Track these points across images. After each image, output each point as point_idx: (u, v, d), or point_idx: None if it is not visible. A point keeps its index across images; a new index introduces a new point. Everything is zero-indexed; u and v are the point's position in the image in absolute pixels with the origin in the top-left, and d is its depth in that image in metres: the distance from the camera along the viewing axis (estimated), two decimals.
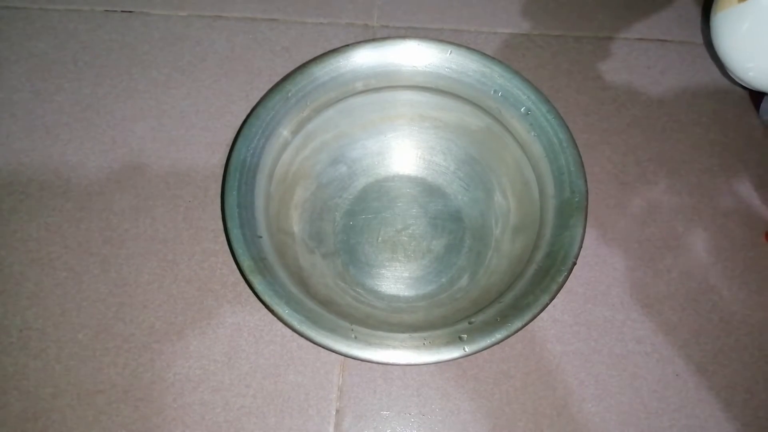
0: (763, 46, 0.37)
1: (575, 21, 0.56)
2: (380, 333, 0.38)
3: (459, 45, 0.45)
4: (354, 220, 0.50)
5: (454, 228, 0.49)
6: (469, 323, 0.38)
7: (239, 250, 0.39)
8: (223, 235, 0.46)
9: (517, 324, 0.38)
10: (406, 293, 0.47)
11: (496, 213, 0.49)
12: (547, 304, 0.39)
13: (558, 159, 0.43)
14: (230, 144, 0.44)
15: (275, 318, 0.38)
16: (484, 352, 0.38)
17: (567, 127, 0.43)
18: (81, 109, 0.51)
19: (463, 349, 0.37)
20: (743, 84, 0.40)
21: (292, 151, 0.46)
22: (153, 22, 0.55)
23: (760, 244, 0.48)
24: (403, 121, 0.50)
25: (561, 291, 0.39)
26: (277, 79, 0.45)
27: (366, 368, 0.44)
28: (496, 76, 0.45)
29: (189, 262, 0.46)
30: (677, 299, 0.47)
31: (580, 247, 0.40)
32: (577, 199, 0.41)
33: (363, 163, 0.51)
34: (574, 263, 0.40)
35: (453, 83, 0.46)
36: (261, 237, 0.41)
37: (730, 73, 0.40)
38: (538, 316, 0.38)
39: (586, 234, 0.41)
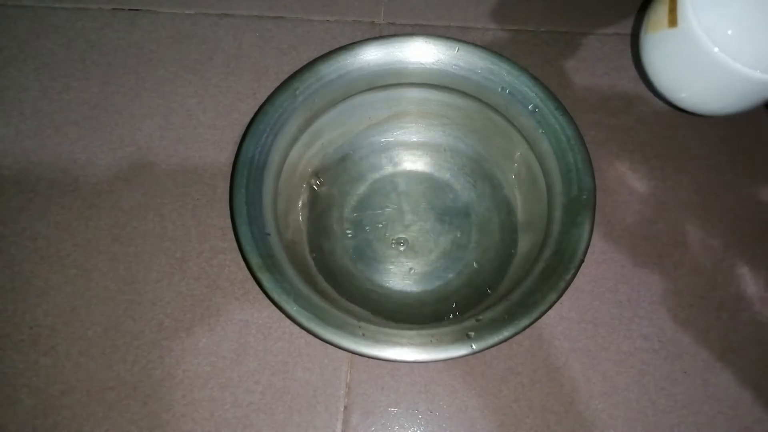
0: (694, 72, 0.37)
1: (582, 18, 0.56)
2: (388, 330, 0.38)
3: (466, 42, 0.45)
4: (361, 216, 0.50)
5: (461, 224, 0.49)
6: (477, 320, 0.38)
7: (247, 248, 0.40)
8: (232, 232, 0.46)
9: (525, 321, 0.38)
10: (413, 289, 0.48)
11: (504, 210, 0.49)
12: (555, 302, 0.39)
13: (566, 156, 0.43)
14: (238, 142, 0.44)
15: (283, 315, 0.39)
16: (492, 349, 0.38)
17: (575, 124, 0.43)
18: (89, 107, 0.51)
19: (471, 346, 0.37)
20: (672, 104, 0.40)
21: (299, 148, 0.46)
22: (160, 20, 0.55)
23: None
24: (411, 118, 0.50)
25: (568, 288, 0.39)
26: (284, 77, 0.45)
27: (374, 365, 0.44)
28: (504, 73, 0.45)
29: (197, 260, 0.46)
30: (685, 296, 0.46)
31: (588, 244, 0.40)
32: (584, 197, 0.41)
33: (370, 160, 0.51)
34: (582, 261, 0.40)
35: (460, 80, 0.46)
36: (269, 234, 0.41)
37: (659, 92, 0.40)
38: (546, 314, 0.39)
39: (594, 231, 0.41)
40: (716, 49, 0.35)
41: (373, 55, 0.45)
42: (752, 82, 0.36)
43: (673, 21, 0.36)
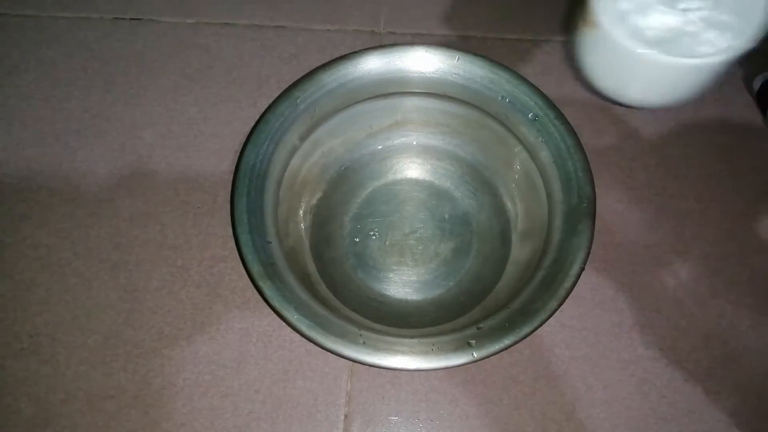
0: (609, 66, 0.41)
1: None
2: (389, 338, 0.38)
3: (466, 51, 0.46)
4: (362, 224, 0.50)
5: (461, 232, 0.49)
6: (478, 328, 0.38)
7: (248, 256, 0.40)
8: (232, 240, 0.46)
9: (526, 329, 0.38)
10: (414, 297, 0.48)
11: (504, 218, 0.49)
12: (556, 310, 0.39)
13: (566, 165, 0.43)
14: (239, 150, 0.44)
15: (284, 323, 0.38)
16: (493, 357, 0.38)
17: (574, 133, 0.44)
18: (90, 116, 0.51)
19: (472, 354, 0.37)
20: (599, 92, 0.44)
21: (300, 156, 0.46)
22: (161, 29, 0.55)
23: (767, 249, 0.48)
24: (411, 126, 0.51)
25: (569, 296, 0.39)
26: (285, 85, 0.45)
27: (374, 373, 0.44)
28: (504, 82, 0.45)
29: (198, 268, 0.46)
30: (685, 304, 0.46)
31: (588, 252, 0.40)
32: (584, 205, 0.41)
33: (371, 168, 0.51)
34: (582, 269, 0.40)
35: (460, 89, 0.46)
36: (270, 242, 0.41)
37: (589, 82, 0.44)
38: (547, 322, 0.39)
39: (594, 239, 0.41)
40: (639, 50, 0.36)
41: (374, 64, 0.46)
42: (681, 68, 0.37)
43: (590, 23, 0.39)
